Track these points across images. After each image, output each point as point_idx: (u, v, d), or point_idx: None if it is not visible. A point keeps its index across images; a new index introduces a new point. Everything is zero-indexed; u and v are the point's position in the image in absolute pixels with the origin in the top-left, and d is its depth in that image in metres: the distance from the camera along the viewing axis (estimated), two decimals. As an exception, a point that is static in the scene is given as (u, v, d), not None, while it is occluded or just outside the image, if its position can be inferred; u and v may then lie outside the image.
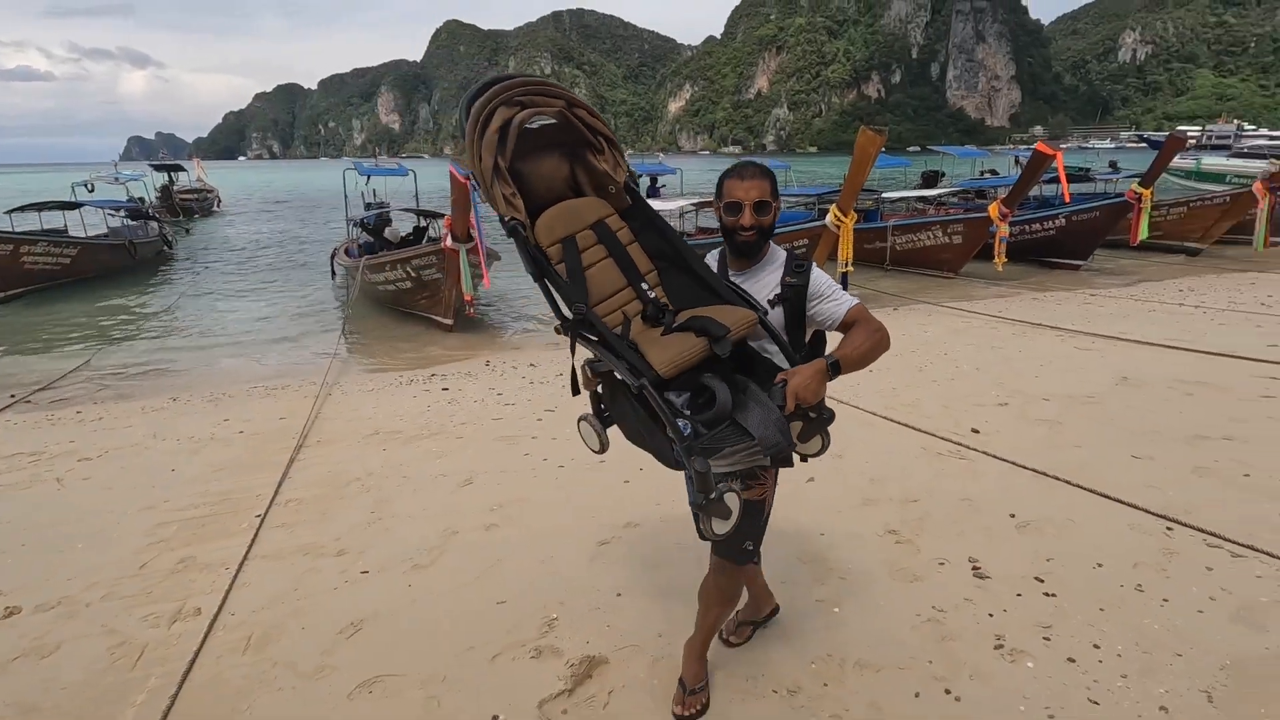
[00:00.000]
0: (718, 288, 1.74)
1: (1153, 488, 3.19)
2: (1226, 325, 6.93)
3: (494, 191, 1.65)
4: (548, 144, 1.80)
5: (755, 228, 1.74)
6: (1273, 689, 1.91)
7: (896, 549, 2.78)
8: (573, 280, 1.66)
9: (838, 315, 1.73)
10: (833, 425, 1.67)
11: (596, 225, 1.77)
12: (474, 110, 1.67)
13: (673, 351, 1.53)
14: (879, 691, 1.99)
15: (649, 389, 1.47)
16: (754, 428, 1.48)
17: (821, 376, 1.55)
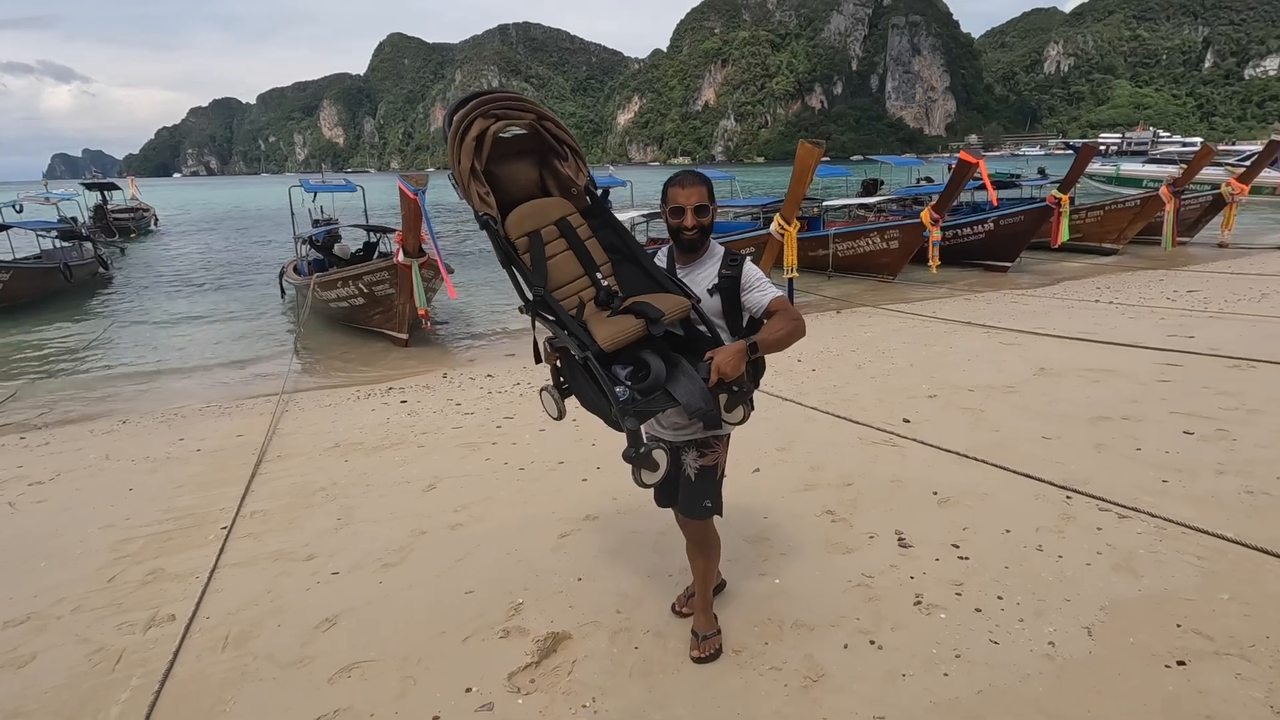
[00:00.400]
0: (661, 279, 1.99)
1: (1058, 463, 3.56)
2: (1135, 319, 7.54)
3: (470, 191, 1.90)
4: (520, 151, 2.08)
5: (696, 227, 2.03)
6: (1139, 621, 2.24)
7: (832, 527, 3.06)
8: (535, 268, 1.91)
9: (762, 304, 2.00)
10: (782, 418, 2.04)
11: (560, 221, 2.02)
12: (455, 120, 1.95)
13: (614, 329, 1.80)
14: (813, 646, 2.25)
15: (592, 360, 1.74)
16: (681, 395, 1.77)
17: (741, 355, 1.81)
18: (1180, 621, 2.23)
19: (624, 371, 1.85)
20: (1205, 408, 4.30)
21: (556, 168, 2.09)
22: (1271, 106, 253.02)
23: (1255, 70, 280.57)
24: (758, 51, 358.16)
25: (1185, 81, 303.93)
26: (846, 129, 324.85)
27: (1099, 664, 2.06)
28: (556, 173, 2.10)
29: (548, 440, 4.62)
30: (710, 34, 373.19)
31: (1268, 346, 5.75)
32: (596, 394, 1.80)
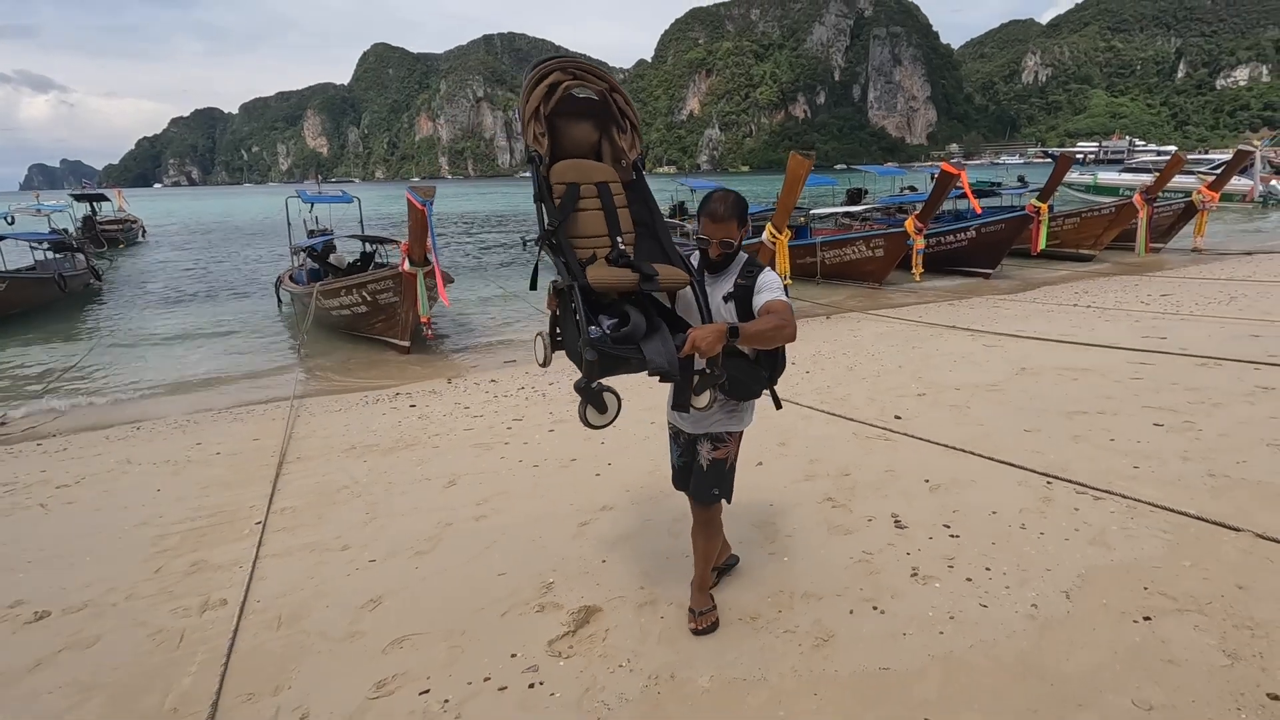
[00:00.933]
0: (674, 257, 2.17)
1: (1038, 453, 3.84)
2: (1111, 321, 7.89)
3: (528, 128, 2.11)
4: (586, 112, 2.26)
5: (720, 256, 2.19)
6: (1111, 585, 2.51)
7: (833, 511, 3.31)
8: (562, 210, 2.07)
9: (759, 304, 2.12)
10: (780, 417, 2.21)
11: (600, 184, 2.19)
12: (537, 69, 2.19)
13: (605, 273, 1.97)
14: (821, 612, 2.49)
15: (576, 291, 1.88)
16: (648, 351, 1.89)
17: (719, 335, 1.87)
18: (1147, 585, 2.50)
19: (608, 322, 1.95)
20: (1174, 402, 4.61)
21: (614, 137, 2.28)
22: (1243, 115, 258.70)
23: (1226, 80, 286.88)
24: (741, 62, 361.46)
25: (1159, 91, 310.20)
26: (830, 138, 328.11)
27: (1075, 621, 2.32)
28: (613, 141, 2.28)
29: (558, 440, 4.84)
30: (694, 44, 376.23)
31: (1233, 346, 6.10)
32: (575, 335, 1.89)
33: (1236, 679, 1.99)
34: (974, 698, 2.01)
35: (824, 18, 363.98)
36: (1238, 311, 7.97)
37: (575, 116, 2.23)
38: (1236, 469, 3.44)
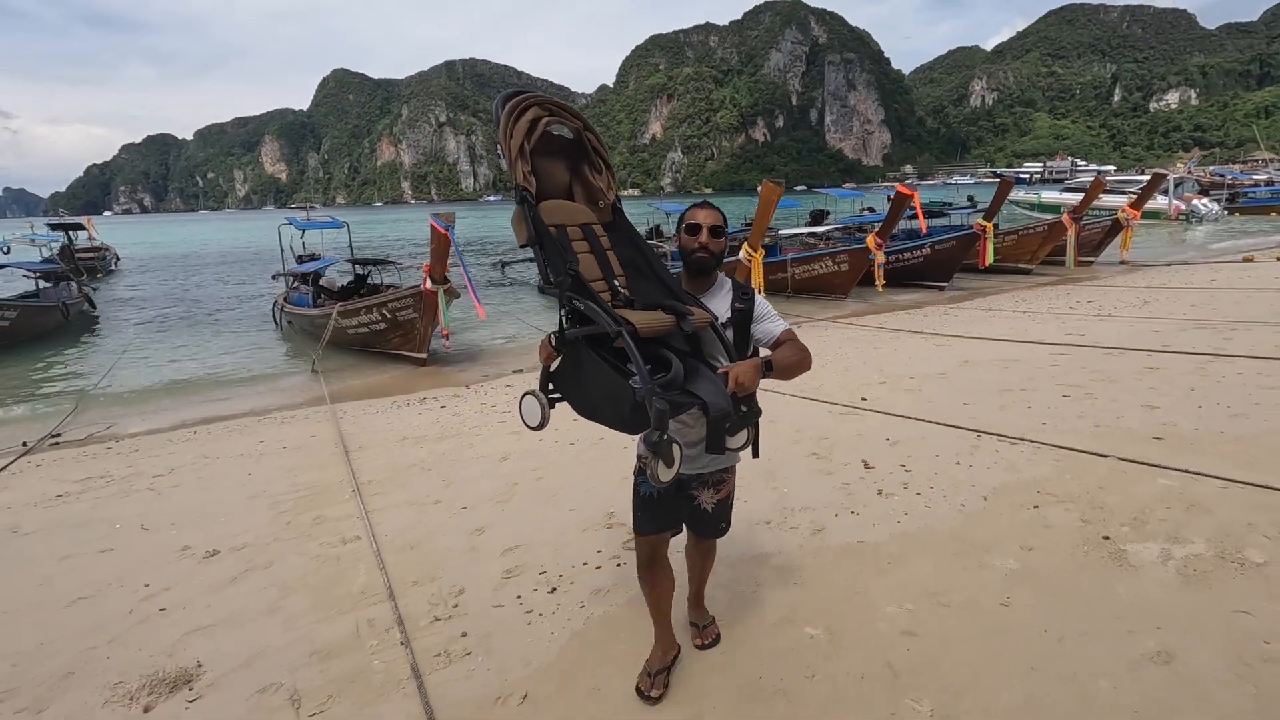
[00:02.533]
0: (680, 294, 2.05)
1: (972, 417, 4.93)
2: (1042, 323, 9.16)
3: (516, 166, 1.95)
4: (559, 151, 2.15)
5: (709, 249, 2.10)
6: (1015, 492, 3.56)
7: (817, 461, 4.33)
8: (568, 252, 1.94)
9: (774, 333, 2.09)
10: (765, 402, 1.97)
11: (584, 226, 2.09)
12: (513, 101, 2.03)
13: (647, 318, 1.81)
14: (814, 517, 3.49)
15: (626, 337, 1.68)
16: (704, 394, 1.76)
17: (757, 370, 1.83)
18: (1039, 490, 3.56)
19: (646, 364, 1.78)
20: (1080, 380, 5.77)
21: (589, 177, 2.18)
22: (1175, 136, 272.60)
23: (1159, 104, 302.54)
24: (702, 87, 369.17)
25: (1098, 114, 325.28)
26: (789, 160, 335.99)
27: (989, 511, 3.36)
28: (588, 183, 2.18)
29: (583, 425, 5.76)
30: (655, 70, 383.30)
31: (1135, 339, 7.35)
32: (615, 381, 1.74)
33: (1086, 533, 3.04)
34: (921, 552, 3.02)
35: (780, 44, 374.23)
36: (1147, 313, 9.31)
37: (550, 155, 2.13)
38: (1115, 422, 4.57)
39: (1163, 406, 4.78)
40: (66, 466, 6.03)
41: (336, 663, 2.59)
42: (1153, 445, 4.02)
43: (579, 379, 1.89)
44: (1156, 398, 5.03)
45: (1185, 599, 2.47)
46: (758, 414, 1.91)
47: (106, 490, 5.13)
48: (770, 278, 13.24)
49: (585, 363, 1.84)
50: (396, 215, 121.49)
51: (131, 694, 2.47)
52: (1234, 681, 2.02)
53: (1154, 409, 4.75)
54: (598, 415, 1.85)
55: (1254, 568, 2.61)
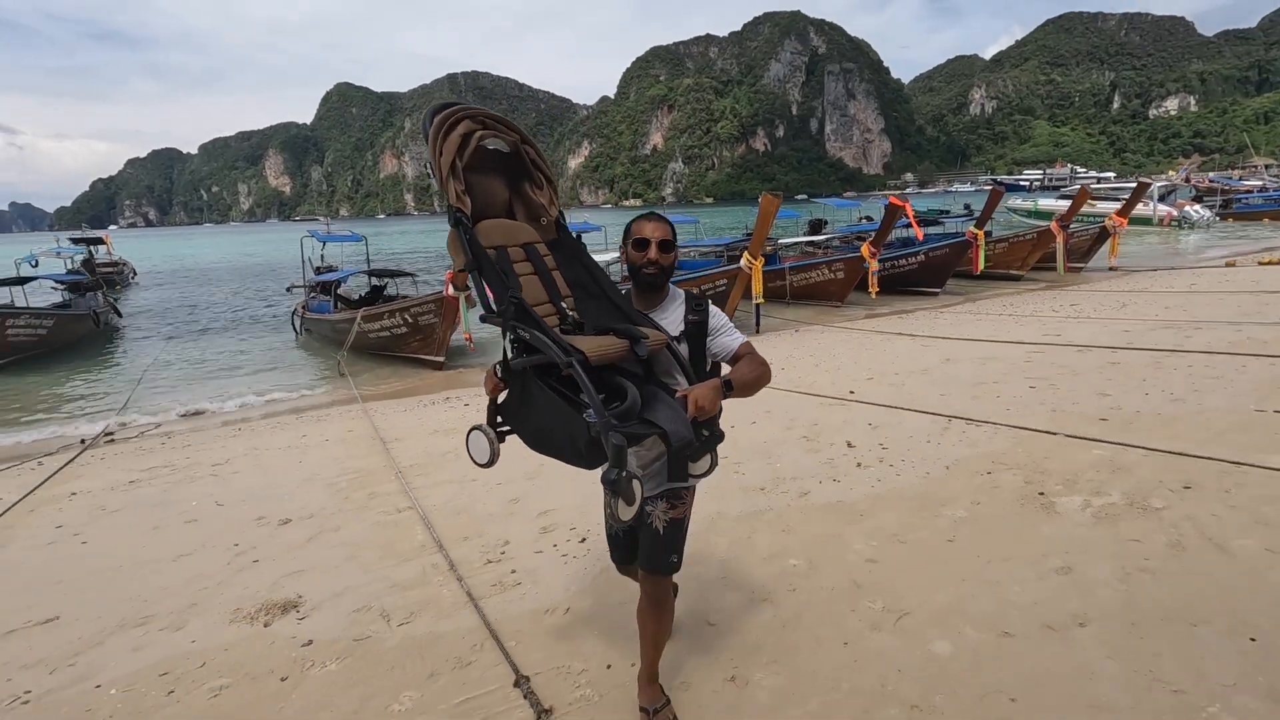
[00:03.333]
0: (632, 315, 1.94)
1: (947, 405, 5.53)
2: (1023, 325, 9.76)
3: (448, 185, 1.84)
4: (496, 167, 2.05)
5: (658, 264, 1.99)
6: (974, 462, 4.16)
7: (807, 443, 4.93)
8: (510, 277, 1.83)
9: (731, 348, 2.00)
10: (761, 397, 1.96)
11: (526, 246, 1.97)
12: (441, 115, 1.92)
13: (597, 344, 1.70)
14: (801, 484, 4.09)
15: (577, 368, 1.58)
16: (663, 422, 1.66)
17: (718, 391, 1.75)
18: (994, 461, 4.16)
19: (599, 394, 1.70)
20: (1048, 374, 6.37)
21: (529, 194, 2.08)
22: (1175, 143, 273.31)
23: (1158, 110, 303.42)
24: (702, 97, 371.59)
25: (1097, 121, 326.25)
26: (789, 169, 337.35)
27: (949, 477, 3.97)
28: (528, 199, 2.08)
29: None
30: (656, 81, 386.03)
31: (1105, 338, 7.95)
32: (566, 415, 1.66)
33: (1026, 491, 3.64)
34: (889, 508, 3.62)
35: (780, 55, 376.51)
36: (1124, 315, 9.91)
37: (486, 171, 2.03)
38: (1071, 407, 5.17)
39: (1113, 394, 5.38)
40: (129, 459, 6.66)
41: (411, 593, 3.20)
42: (1096, 425, 4.63)
43: (528, 411, 1.81)
44: (1110, 387, 5.63)
45: (1093, 533, 3.06)
46: (720, 438, 1.84)
47: (174, 477, 5.75)
48: (769, 284, 13.86)
49: (534, 395, 1.75)
50: (401, 227, 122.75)
51: (250, 615, 3.08)
52: (1114, 583, 2.61)
53: (1106, 396, 5.36)
54: (551, 449, 1.76)
55: (1153, 511, 3.20)
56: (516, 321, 1.70)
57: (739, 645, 2.52)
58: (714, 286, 12.14)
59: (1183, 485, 3.46)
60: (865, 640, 2.43)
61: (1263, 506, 3.12)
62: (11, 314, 12.17)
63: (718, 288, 12.04)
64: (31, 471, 6.45)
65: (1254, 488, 3.33)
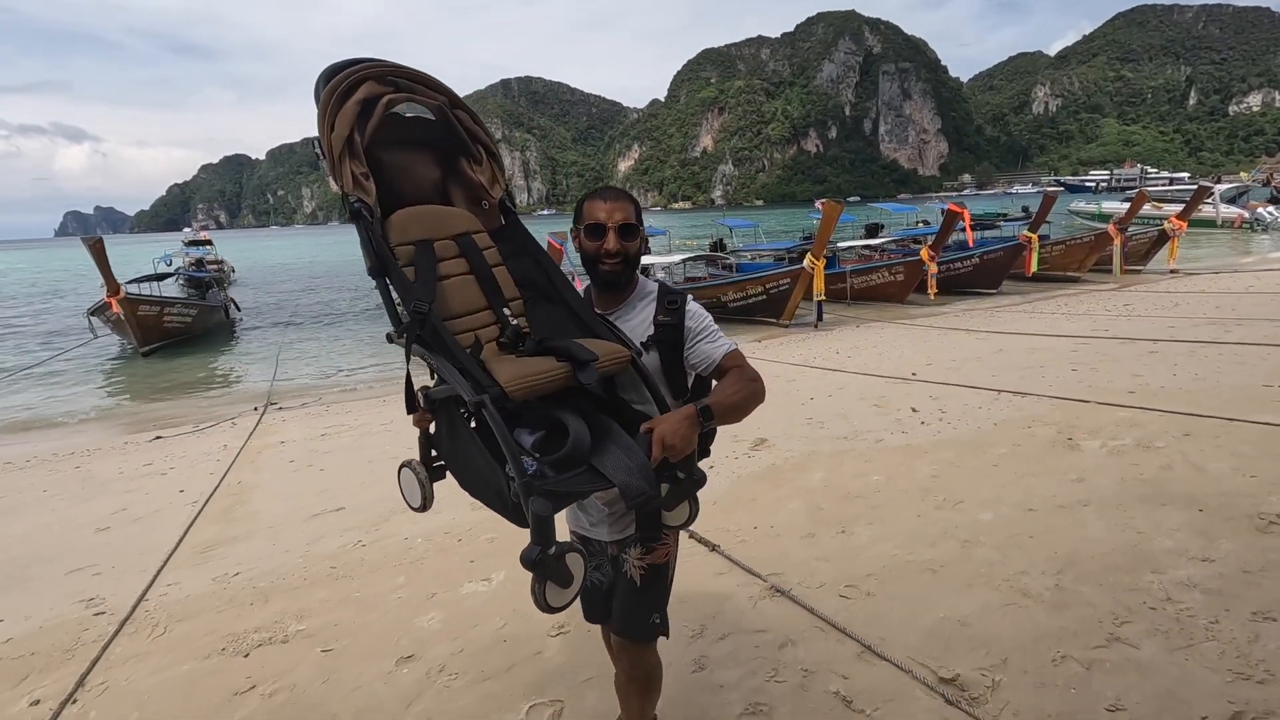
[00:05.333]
0: (591, 322, 1.58)
1: (998, 384, 6.51)
2: (1075, 321, 10.53)
3: (342, 167, 1.44)
4: (420, 141, 1.66)
5: (620, 255, 1.61)
6: (1014, 419, 5.16)
7: (877, 409, 5.99)
8: (420, 282, 1.43)
9: (714, 358, 1.61)
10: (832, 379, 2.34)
11: (462, 238, 1.58)
12: (337, 77, 1.48)
13: (524, 369, 1.33)
14: (877, 436, 5.17)
15: (489, 406, 1.23)
16: (613, 472, 1.30)
17: (692, 423, 1.37)
18: (1034, 420, 5.16)
19: (530, 438, 1.37)
20: (1090, 361, 7.26)
21: (465, 171, 1.69)
22: (1258, 140, 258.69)
23: (1239, 106, 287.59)
24: (753, 99, 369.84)
25: (1171, 118, 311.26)
26: (841, 171, 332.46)
27: (997, 430, 4.99)
28: (465, 178, 1.69)
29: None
30: (706, 84, 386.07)
31: (1148, 332, 8.72)
32: (488, 465, 1.31)
33: (1058, 438, 4.65)
34: (947, 449, 4.67)
35: (833, 55, 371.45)
36: (1174, 313, 10.57)
37: (405, 147, 1.64)
38: (1105, 384, 6.10)
39: (1144, 375, 6.27)
40: (307, 420, 8.16)
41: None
42: (1124, 396, 5.56)
43: (455, 449, 1.46)
44: (1144, 370, 6.51)
45: (1105, 461, 4.06)
46: (700, 482, 1.48)
47: (354, 432, 7.18)
48: (831, 287, 14.82)
49: (459, 431, 1.42)
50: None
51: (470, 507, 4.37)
52: (1113, 486, 3.63)
53: (1138, 377, 6.26)
54: (483, 498, 1.41)
55: (1155, 449, 4.18)
56: (419, 345, 1.36)
57: (843, 516, 3.64)
58: (777, 286, 13.18)
59: (1183, 434, 4.41)
60: (931, 513, 3.53)
61: (1241, 446, 4.06)
62: (168, 303, 14.12)
63: (781, 287, 13.09)
64: (231, 428, 8.03)
65: (1238, 435, 4.26)
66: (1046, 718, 1.95)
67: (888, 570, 2.97)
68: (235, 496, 5.21)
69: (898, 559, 3.05)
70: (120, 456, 7.13)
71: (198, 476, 5.93)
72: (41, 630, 3.21)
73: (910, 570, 2.95)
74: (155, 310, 13.58)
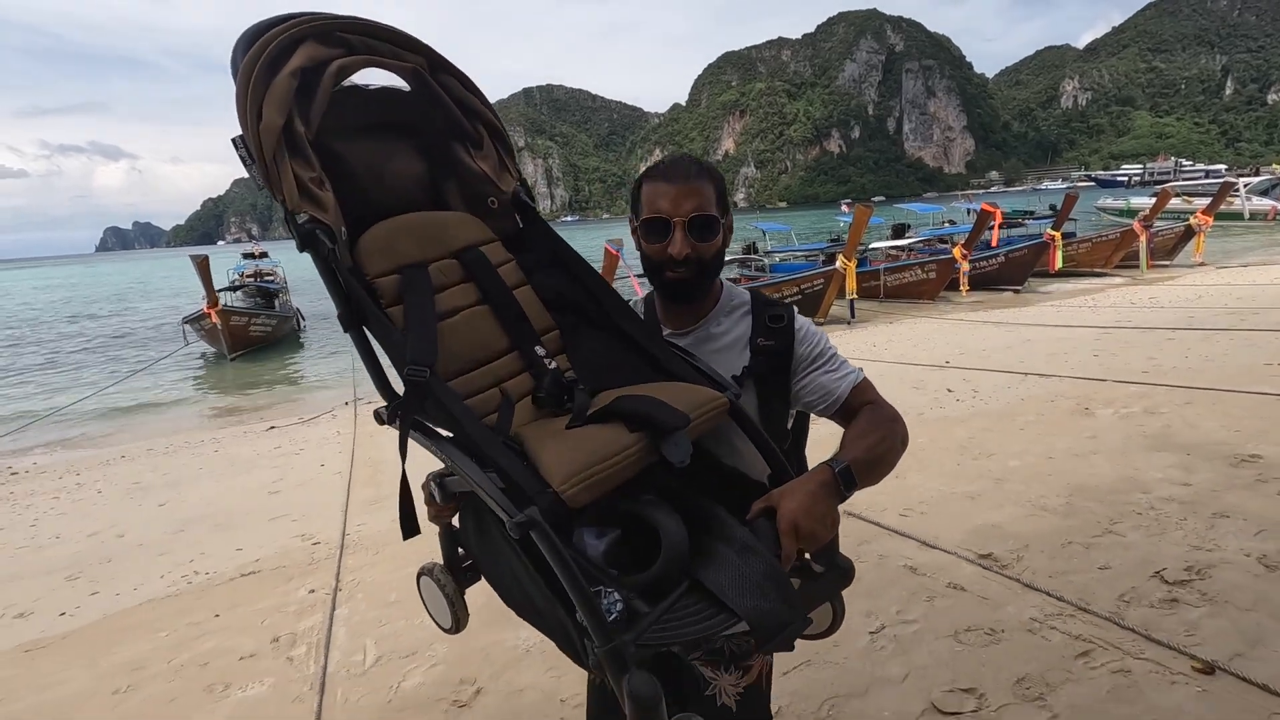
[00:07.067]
0: (660, 354, 1.14)
1: (1025, 367, 7.28)
2: (1098, 313, 11.19)
3: (281, 172, 0.95)
4: (395, 125, 1.17)
5: (692, 260, 1.16)
6: (1039, 398, 5.95)
7: (915, 390, 6.79)
8: (414, 329, 1.00)
9: (839, 393, 1.19)
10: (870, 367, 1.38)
11: (467, 254, 1.14)
12: (261, 41, 0.96)
13: (585, 456, 0.89)
14: (918, 409, 5.99)
15: (544, 529, 0.81)
16: (730, 592, 0.87)
17: (830, 495, 0.98)
18: (1057, 395, 5.94)
19: (599, 542, 0.93)
20: (1110, 348, 7.98)
21: (462, 160, 1.19)
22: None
23: (1278, 95, 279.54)
24: (774, 101, 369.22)
25: (1207, 109, 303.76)
26: (865, 171, 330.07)
27: (1023, 404, 5.78)
28: (462, 170, 1.20)
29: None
30: (727, 87, 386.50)
31: (1169, 322, 9.39)
32: (543, 596, 0.89)
33: (1076, 408, 5.43)
34: (980, 419, 5.48)
35: (855, 55, 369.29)
36: (1196, 304, 11.17)
37: (374, 134, 1.14)
38: (1123, 366, 6.84)
39: (1159, 358, 7.00)
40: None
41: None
42: (1139, 374, 6.31)
43: (496, 551, 0.99)
44: (1159, 354, 7.24)
45: (1115, 424, 4.85)
46: (847, 575, 1.03)
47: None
48: (863, 286, 15.56)
49: (490, 534, 1.00)
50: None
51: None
52: (1120, 440, 4.43)
53: (1153, 359, 6.99)
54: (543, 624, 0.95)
55: (1159, 414, 4.94)
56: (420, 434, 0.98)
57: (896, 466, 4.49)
58: (811, 286, 13.94)
59: (1185, 402, 5.17)
60: (969, 462, 4.37)
61: (1234, 410, 4.81)
62: (254, 314, 15.39)
63: (815, 287, 13.84)
64: (333, 419, 9.09)
65: (1233, 402, 5.01)
66: (1057, 574, 2.79)
67: (935, 499, 3.81)
68: (372, 467, 6.21)
69: (943, 492, 3.89)
70: (248, 443, 8.22)
71: (328, 454, 6.97)
72: (280, 553, 4.21)
73: (953, 499, 3.79)
74: (244, 321, 14.85)
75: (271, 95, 0.95)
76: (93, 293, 46.04)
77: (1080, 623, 2.45)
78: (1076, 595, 2.61)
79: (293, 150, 0.98)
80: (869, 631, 2.55)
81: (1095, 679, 2.14)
